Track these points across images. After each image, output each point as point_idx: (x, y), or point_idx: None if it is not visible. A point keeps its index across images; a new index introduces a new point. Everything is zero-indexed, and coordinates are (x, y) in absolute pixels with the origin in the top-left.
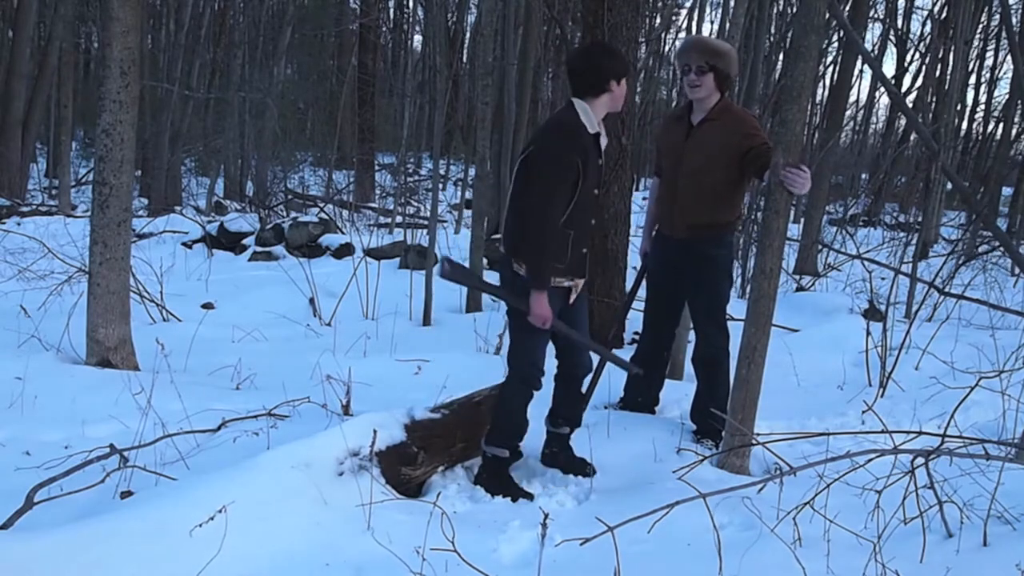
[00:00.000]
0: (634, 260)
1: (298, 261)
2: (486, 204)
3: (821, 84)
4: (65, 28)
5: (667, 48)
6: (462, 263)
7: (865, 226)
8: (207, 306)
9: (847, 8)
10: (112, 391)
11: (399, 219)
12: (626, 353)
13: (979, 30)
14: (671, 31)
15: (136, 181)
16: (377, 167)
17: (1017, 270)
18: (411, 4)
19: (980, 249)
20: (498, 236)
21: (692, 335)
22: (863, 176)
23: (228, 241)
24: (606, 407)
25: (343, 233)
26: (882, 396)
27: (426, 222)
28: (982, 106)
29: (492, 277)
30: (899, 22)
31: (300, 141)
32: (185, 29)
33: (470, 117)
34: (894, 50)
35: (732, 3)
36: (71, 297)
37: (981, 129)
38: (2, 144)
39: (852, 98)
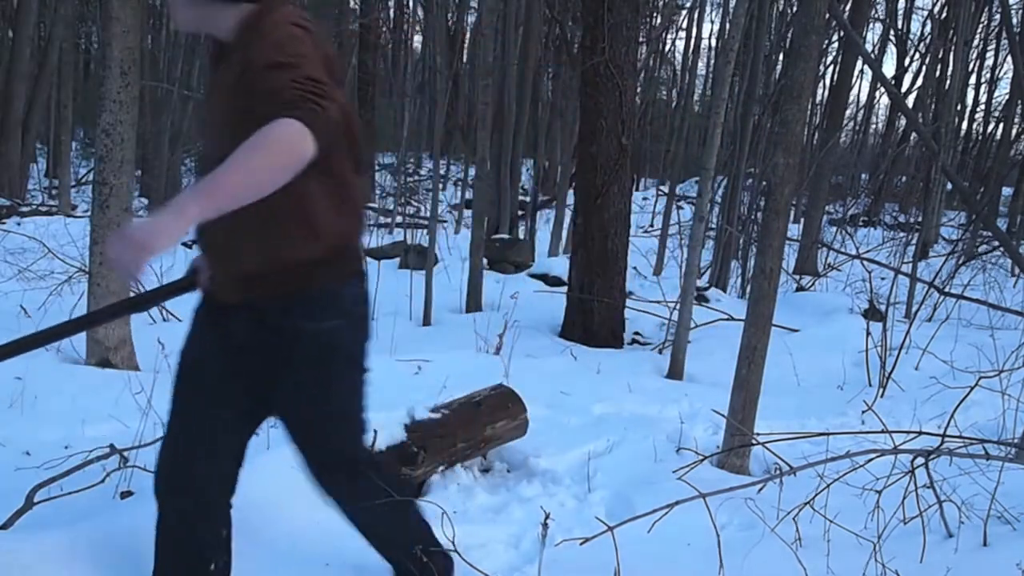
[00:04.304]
0: (635, 260)
1: None
2: (486, 204)
3: (821, 84)
4: (65, 28)
5: (667, 48)
6: None
7: (865, 226)
8: None
9: (847, 8)
10: (112, 391)
11: (399, 219)
12: (627, 353)
13: (979, 30)
14: (671, 31)
15: (136, 181)
16: (377, 167)
17: (1017, 270)
18: (411, 4)
19: (980, 249)
20: (498, 236)
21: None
22: (863, 176)
23: None
24: None
25: None
26: (882, 396)
27: (426, 222)
28: (982, 106)
29: (492, 277)
30: (899, 22)
31: None
32: None
33: (470, 117)
34: (894, 50)
35: (732, 3)
36: (71, 297)
37: (981, 129)
38: (2, 144)
39: (852, 98)
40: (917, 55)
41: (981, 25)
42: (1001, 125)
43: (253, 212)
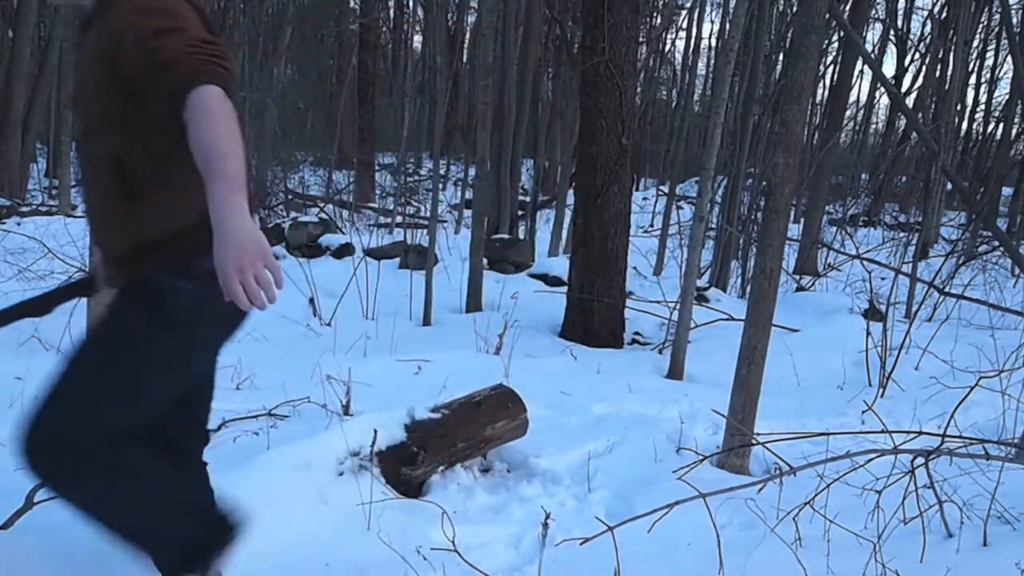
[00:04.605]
0: (635, 260)
1: (298, 261)
2: (486, 204)
3: (821, 84)
4: (65, 28)
5: (667, 48)
6: None
7: (865, 226)
8: None
9: (847, 8)
10: None
11: (399, 219)
12: (627, 353)
13: (979, 30)
14: (671, 31)
15: None
16: (377, 167)
17: (1017, 270)
18: (411, 4)
19: (980, 249)
20: (498, 236)
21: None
22: (863, 176)
23: None
24: None
25: (343, 233)
26: (882, 396)
27: (426, 222)
28: (982, 106)
29: (492, 277)
30: (899, 22)
31: (300, 141)
32: None
33: (470, 117)
34: (894, 50)
35: (732, 3)
36: None
37: (981, 129)
38: (2, 144)
39: (852, 98)
40: (917, 55)
41: (981, 25)
42: (1001, 125)
43: (118, 193)
